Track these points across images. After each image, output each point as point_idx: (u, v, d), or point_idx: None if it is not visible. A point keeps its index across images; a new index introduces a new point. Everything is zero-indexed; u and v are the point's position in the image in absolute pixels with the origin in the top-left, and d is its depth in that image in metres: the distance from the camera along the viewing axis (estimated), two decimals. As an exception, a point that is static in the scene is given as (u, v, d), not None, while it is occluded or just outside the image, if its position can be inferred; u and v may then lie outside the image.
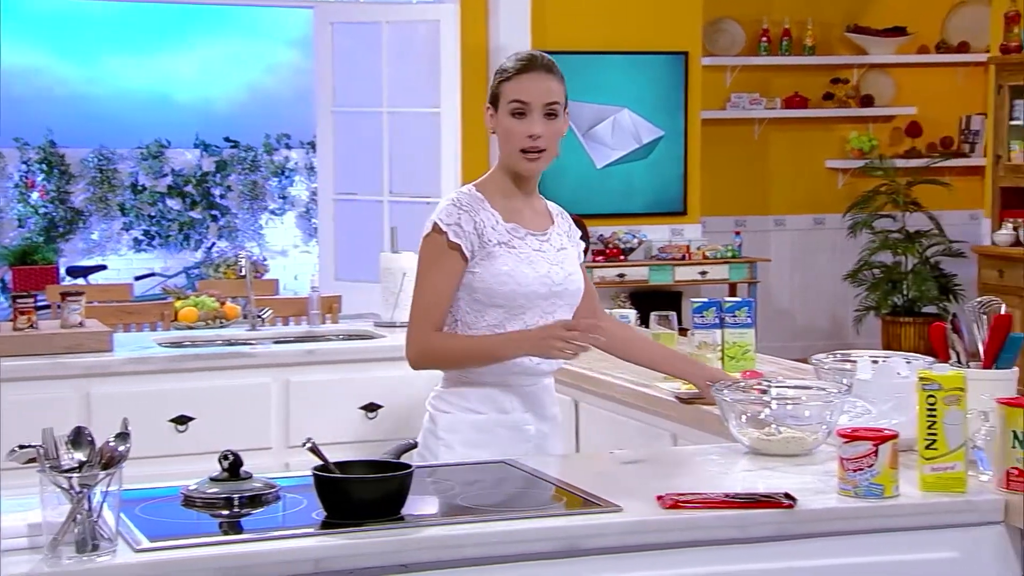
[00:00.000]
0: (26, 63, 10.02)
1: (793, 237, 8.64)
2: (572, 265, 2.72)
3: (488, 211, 2.64)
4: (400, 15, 7.07)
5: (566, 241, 2.75)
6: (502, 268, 2.61)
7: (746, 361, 3.24)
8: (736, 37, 8.38)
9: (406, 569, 1.93)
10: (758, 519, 2.05)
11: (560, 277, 2.67)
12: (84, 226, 9.92)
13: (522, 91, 2.61)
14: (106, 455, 1.85)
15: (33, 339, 3.73)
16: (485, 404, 2.68)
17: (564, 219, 2.80)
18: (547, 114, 2.62)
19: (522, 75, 2.62)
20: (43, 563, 1.78)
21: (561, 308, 2.69)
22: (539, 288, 2.63)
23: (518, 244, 2.64)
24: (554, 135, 2.65)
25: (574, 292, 2.71)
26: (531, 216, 2.70)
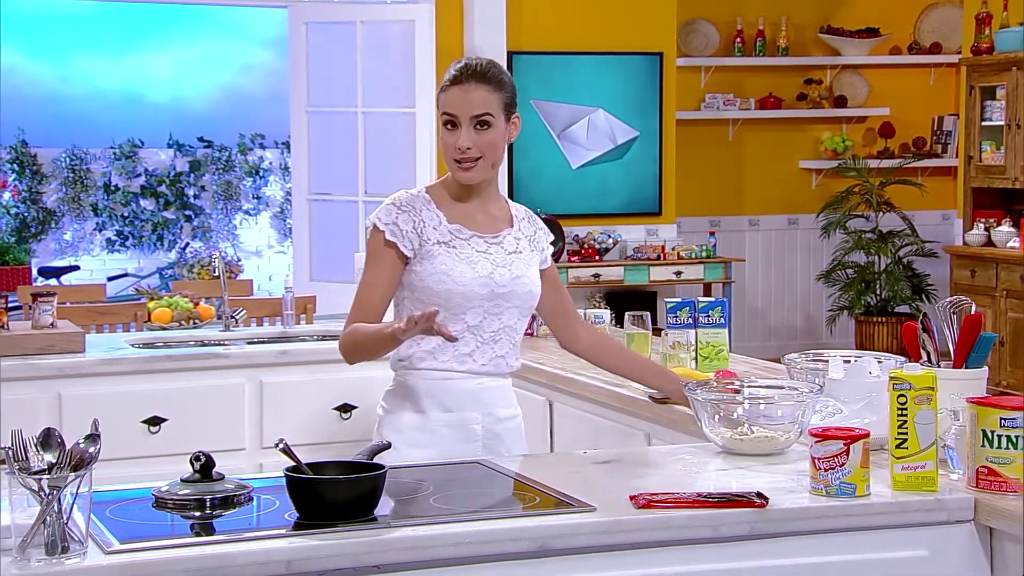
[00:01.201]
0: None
1: (767, 237, 8.67)
2: (523, 269, 2.69)
3: (432, 212, 2.65)
4: (375, 15, 7.06)
5: (525, 245, 2.72)
6: (440, 267, 2.61)
7: (720, 361, 3.25)
8: (710, 38, 8.41)
9: (379, 570, 1.92)
10: (730, 518, 2.06)
11: (505, 279, 2.65)
12: (57, 226, 9.86)
13: (450, 103, 2.61)
14: (76, 457, 1.84)
15: (4, 340, 3.70)
16: (427, 402, 2.66)
17: (530, 224, 2.78)
18: (478, 124, 2.61)
19: (453, 87, 2.62)
20: (11, 565, 1.77)
21: (508, 311, 2.67)
22: (479, 289, 2.62)
23: (459, 244, 2.64)
24: (487, 145, 2.62)
25: (523, 295, 2.68)
26: (483, 218, 2.69)
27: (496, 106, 2.62)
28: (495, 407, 2.71)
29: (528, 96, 7.52)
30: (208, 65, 10.54)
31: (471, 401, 2.67)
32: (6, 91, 9.75)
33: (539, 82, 7.53)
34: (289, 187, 9.61)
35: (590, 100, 7.63)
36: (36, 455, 1.82)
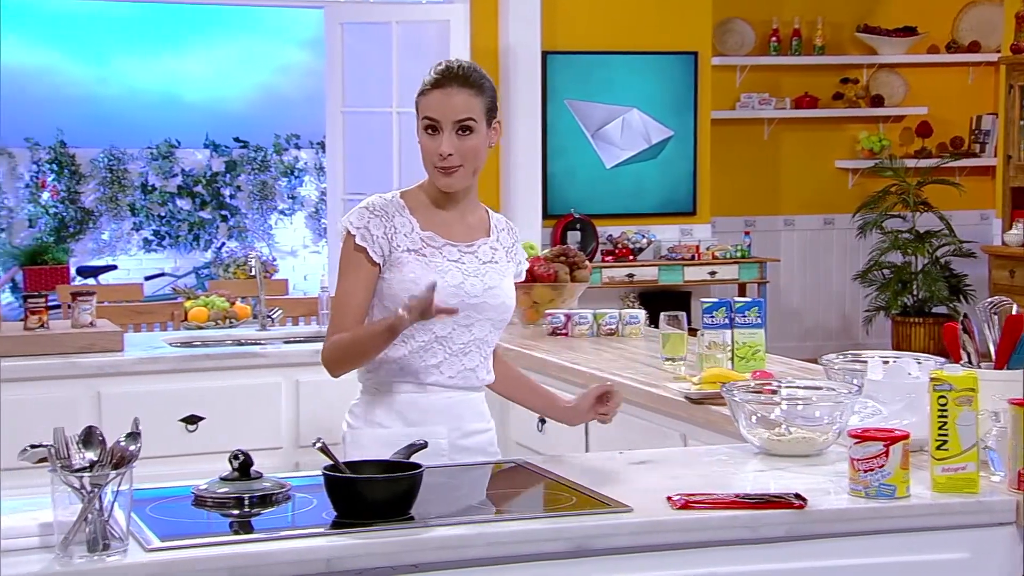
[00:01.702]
0: (37, 63, 10.05)
1: (803, 237, 8.62)
2: (497, 280, 2.61)
3: (405, 217, 2.58)
4: (410, 15, 7.07)
5: (502, 256, 2.65)
6: (408, 276, 2.54)
7: (756, 362, 3.23)
8: (746, 37, 8.37)
9: (416, 569, 1.93)
10: (769, 519, 2.05)
11: (477, 290, 2.57)
12: (94, 226, 9.95)
13: (431, 107, 2.53)
14: (117, 455, 1.85)
15: (45, 339, 3.73)
16: (391, 417, 2.58)
17: (509, 235, 2.70)
18: (460, 130, 2.53)
19: (434, 90, 2.54)
20: (55, 562, 1.78)
21: (479, 322, 2.59)
22: (447, 299, 2.51)
23: (430, 253, 2.57)
24: (469, 151, 2.54)
25: (496, 307, 2.60)
26: (458, 226, 2.62)
27: (478, 111, 2.54)
28: (463, 421, 2.61)
29: (563, 96, 7.51)
30: (245, 66, 10.59)
31: (436, 415, 2.57)
32: (45, 92, 9.84)
33: (573, 82, 7.52)
34: (324, 187, 9.64)
35: (624, 100, 7.61)
36: (78, 453, 1.84)
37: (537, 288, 4.32)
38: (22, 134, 9.62)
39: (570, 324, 4.12)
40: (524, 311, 4.37)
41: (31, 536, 1.84)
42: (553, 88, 7.47)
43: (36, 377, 3.67)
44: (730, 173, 8.26)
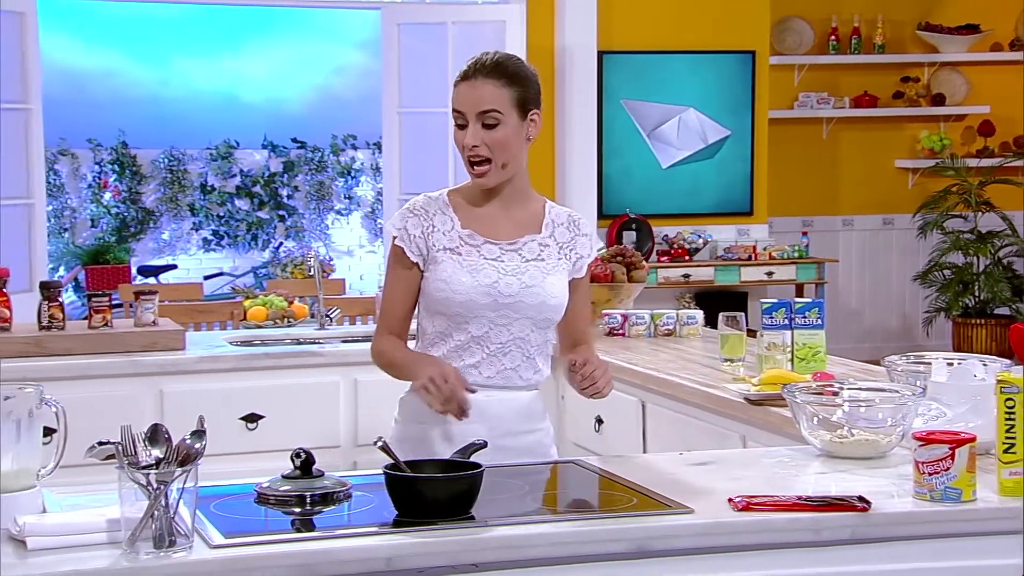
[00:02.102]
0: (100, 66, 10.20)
1: (862, 237, 8.54)
2: (539, 278, 2.54)
3: (447, 215, 2.56)
4: (466, 15, 7.09)
5: (552, 252, 2.58)
6: (441, 275, 2.52)
7: (817, 363, 3.20)
8: (804, 36, 8.30)
9: (476, 568, 1.93)
10: (832, 522, 2.03)
11: (513, 288, 2.52)
12: (155, 226, 10.08)
13: (458, 100, 2.51)
14: (182, 452, 1.87)
15: (108, 338, 3.78)
16: (427, 415, 2.52)
17: (569, 230, 2.62)
18: (485, 123, 2.48)
19: (460, 84, 2.51)
20: (122, 558, 1.80)
21: (518, 321, 2.53)
22: (479, 298, 2.50)
23: (467, 251, 2.53)
24: (496, 143, 2.48)
25: (536, 306, 2.53)
26: (503, 223, 2.57)
27: (505, 102, 2.49)
28: (503, 421, 2.55)
29: (619, 96, 7.50)
30: (303, 67, 10.68)
31: (475, 415, 2.47)
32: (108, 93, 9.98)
33: (630, 81, 7.50)
34: (380, 187, 9.70)
35: (681, 99, 7.58)
36: (144, 450, 1.86)
37: (594, 288, 4.31)
38: (85, 135, 9.77)
39: (627, 324, 4.11)
40: (581, 311, 4.36)
41: (98, 532, 1.87)
42: (609, 88, 7.45)
43: (100, 375, 3.72)
44: (788, 173, 8.19)
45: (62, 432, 2.03)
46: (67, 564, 1.79)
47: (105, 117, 9.83)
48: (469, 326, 2.53)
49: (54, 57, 9.13)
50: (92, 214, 9.89)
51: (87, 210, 9.91)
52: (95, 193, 9.91)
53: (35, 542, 1.83)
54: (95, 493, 2.05)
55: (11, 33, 6.29)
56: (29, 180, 6.44)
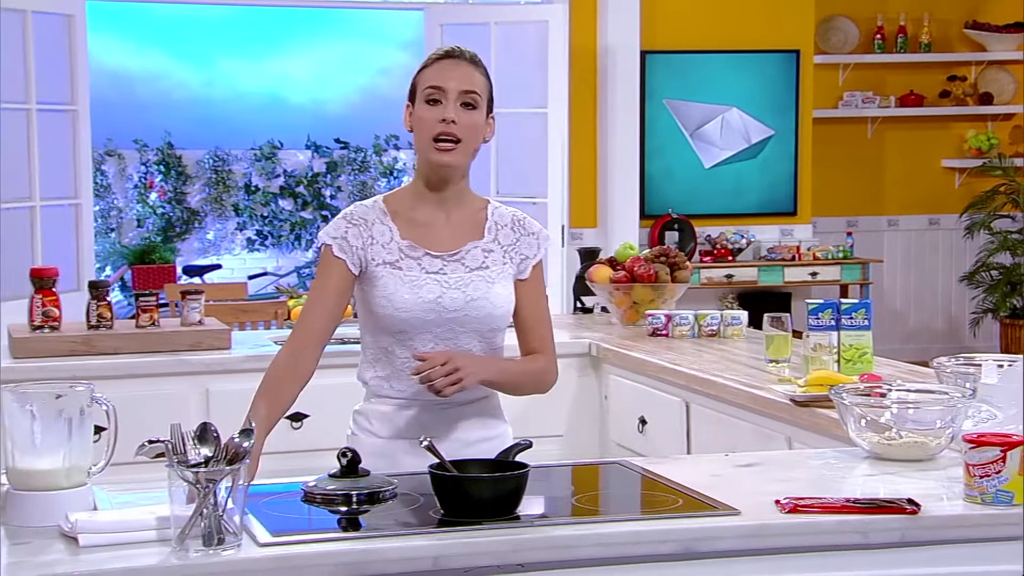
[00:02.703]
0: (147, 67, 10.31)
1: (907, 238, 8.47)
2: (484, 289, 2.44)
3: (386, 225, 2.45)
4: (509, 16, 7.09)
5: (497, 258, 2.47)
6: (381, 291, 2.42)
7: (864, 364, 3.18)
8: (849, 35, 8.24)
9: (522, 568, 1.93)
10: (881, 525, 2.01)
11: (458, 303, 2.42)
12: (200, 226, 10.16)
13: (438, 76, 2.41)
14: (231, 451, 1.89)
15: (156, 337, 3.82)
16: (385, 426, 2.47)
17: (514, 231, 2.51)
18: (464, 103, 2.40)
19: (440, 61, 2.44)
20: (171, 556, 1.82)
21: (464, 334, 2.44)
22: (423, 315, 2.41)
23: (407, 264, 2.43)
24: (471, 127, 2.40)
25: (482, 318, 2.43)
26: (444, 230, 2.46)
27: (483, 91, 2.44)
28: (460, 432, 2.48)
29: (661, 95, 7.47)
30: (346, 68, 10.74)
31: (433, 428, 2.43)
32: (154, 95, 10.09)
33: (672, 81, 7.48)
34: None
35: (724, 99, 7.55)
36: (193, 449, 1.88)
37: (637, 288, 4.31)
38: (131, 136, 9.87)
39: (671, 325, 4.10)
40: (624, 311, 4.35)
41: (149, 529, 1.88)
42: (652, 87, 7.43)
43: (146, 374, 3.75)
44: (832, 173, 8.14)
45: (112, 430, 2.05)
46: (117, 562, 1.80)
47: (151, 118, 9.93)
48: (414, 342, 2.43)
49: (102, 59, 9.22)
50: (138, 214, 9.99)
51: (133, 210, 10.01)
52: (141, 193, 10.01)
53: (87, 539, 1.85)
54: (144, 491, 2.07)
55: (60, 35, 6.36)
56: (77, 180, 6.51)
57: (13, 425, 1.97)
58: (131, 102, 9.75)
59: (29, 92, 6.20)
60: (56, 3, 6.33)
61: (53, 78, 6.31)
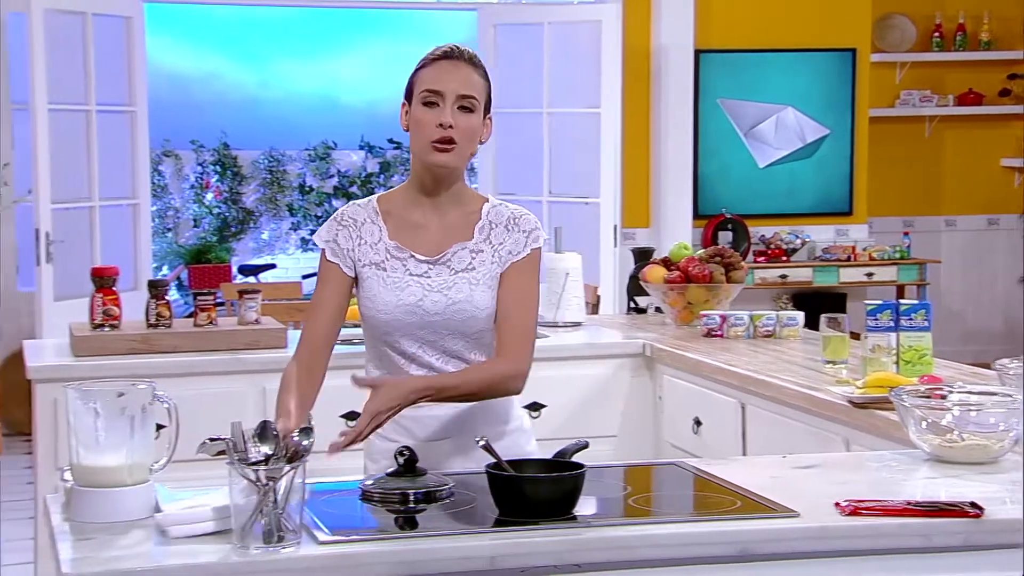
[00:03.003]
0: (204, 69, 10.42)
1: (965, 238, 8.36)
2: (467, 292, 2.41)
3: (376, 225, 2.44)
4: (562, 16, 7.09)
5: (486, 258, 2.43)
6: (366, 293, 2.42)
7: (924, 366, 3.14)
8: (907, 33, 8.15)
9: (579, 569, 1.93)
10: (944, 528, 1.99)
11: (439, 306, 2.40)
12: (255, 226, 10.25)
13: (435, 79, 2.38)
14: (291, 449, 1.90)
15: (214, 335, 3.85)
16: (395, 430, 2.46)
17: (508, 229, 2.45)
18: (462, 107, 2.38)
19: (438, 62, 2.40)
20: (232, 553, 1.84)
21: (449, 337, 2.42)
22: (404, 317, 2.40)
23: (392, 266, 2.42)
24: (468, 130, 2.38)
25: (464, 322, 2.41)
26: (434, 232, 2.44)
27: (481, 93, 2.41)
28: (478, 427, 2.44)
29: (716, 95, 7.44)
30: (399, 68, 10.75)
31: (440, 430, 2.45)
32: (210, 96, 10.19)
33: (727, 80, 7.44)
34: (475, 187, 9.75)
35: (779, 98, 7.50)
36: (254, 447, 1.89)
37: (691, 289, 4.29)
38: (188, 136, 9.97)
39: (726, 325, 4.07)
40: (678, 312, 4.33)
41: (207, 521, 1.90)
42: (706, 87, 7.39)
43: (204, 372, 3.78)
44: (888, 172, 8.05)
45: (174, 428, 2.07)
46: (179, 558, 1.82)
47: (207, 119, 10.04)
48: (400, 344, 2.43)
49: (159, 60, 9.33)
50: (194, 214, 10.10)
51: (189, 210, 10.12)
52: (197, 193, 10.12)
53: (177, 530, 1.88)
54: (203, 488, 2.09)
55: (118, 37, 6.44)
56: (135, 181, 6.59)
57: (77, 423, 1.99)
58: (187, 103, 9.85)
59: (89, 93, 6.29)
60: (115, 5, 6.42)
61: (112, 79, 6.40)
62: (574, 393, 3.98)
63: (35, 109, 6.01)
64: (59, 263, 6.12)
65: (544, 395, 4.04)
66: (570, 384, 3.98)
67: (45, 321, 6.06)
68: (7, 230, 6.80)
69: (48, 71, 6.03)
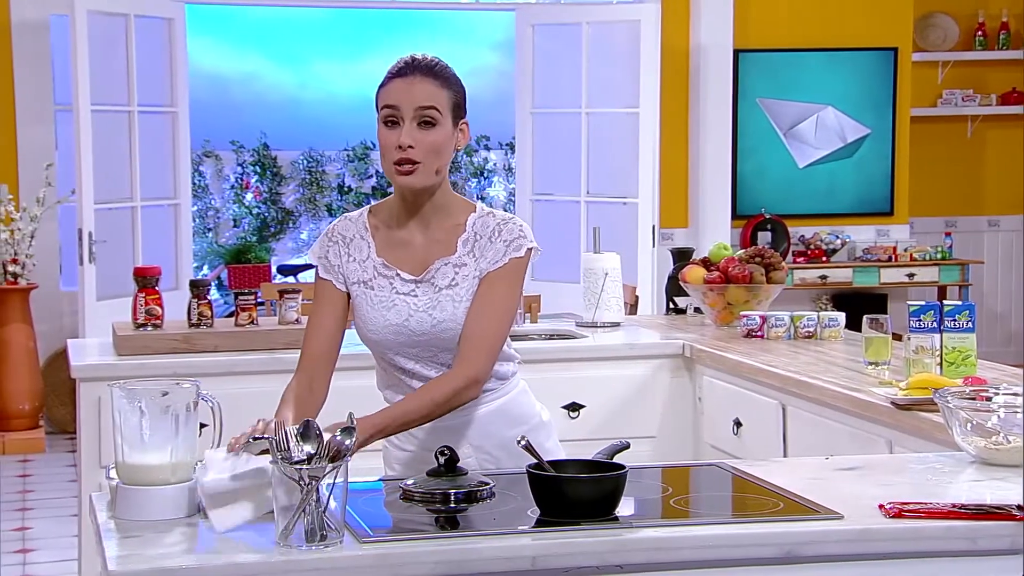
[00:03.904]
0: (243, 70, 10.49)
1: (1008, 238, 8.28)
2: (451, 310, 2.36)
3: (365, 240, 2.41)
4: (601, 16, 7.08)
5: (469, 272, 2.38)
6: (356, 311, 2.41)
7: (968, 367, 3.11)
8: (949, 31, 8.08)
9: (621, 570, 1.92)
10: (990, 531, 1.97)
11: (424, 326, 2.37)
12: (294, 226, 10.31)
13: (391, 96, 2.33)
14: (333, 448, 1.91)
15: (254, 335, 3.87)
16: (408, 440, 2.45)
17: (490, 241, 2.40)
18: (421, 122, 2.32)
19: (396, 79, 2.34)
20: (275, 552, 1.85)
21: (441, 352, 2.39)
22: (393, 336, 2.38)
23: (379, 284, 2.39)
24: (430, 147, 2.32)
25: (450, 339, 2.37)
26: (419, 247, 2.40)
27: (443, 103, 2.34)
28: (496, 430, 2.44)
29: (755, 95, 7.40)
30: (437, 69, 10.82)
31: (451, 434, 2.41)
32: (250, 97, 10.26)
33: (766, 80, 7.40)
34: (513, 188, 9.75)
35: (819, 98, 7.45)
36: (297, 446, 1.90)
37: (731, 289, 4.27)
38: (228, 137, 10.04)
39: (766, 326, 4.05)
40: (717, 312, 4.32)
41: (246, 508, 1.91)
42: (744, 87, 7.36)
43: (245, 372, 3.79)
44: (930, 172, 7.98)
45: (218, 427, 2.08)
46: (222, 557, 1.83)
47: (247, 119, 10.10)
48: (396, 361, 2.42)
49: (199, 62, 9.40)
50: (234, 214, 10.17)
51: (229, 210, 10.19)
52: (237, 194, 10.18)
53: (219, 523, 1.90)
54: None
55: (160, 39, 6.50)
56: (176, 181, 6.64)
57: (123, 421, 2.01)
58: (227, 103, 9.93)
59: (131, 94, 6.35)
60: (157, 7, 6.47)
61: (153, 80, 6.45)
62: (613, 394, 3.98)
63: (78, 110, 6.07)
64: (101, 263, 6.18)
65: (583, 396, 4.04)
66: (609, 385, 3.97)
67: (87, 320, 6.12)
68: (50, 230, 6.87)
69: (91, 72, 6.09)
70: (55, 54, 6.84)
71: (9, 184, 6.71)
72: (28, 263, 6.56)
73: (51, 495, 5.79)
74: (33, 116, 6.83)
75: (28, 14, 6.78)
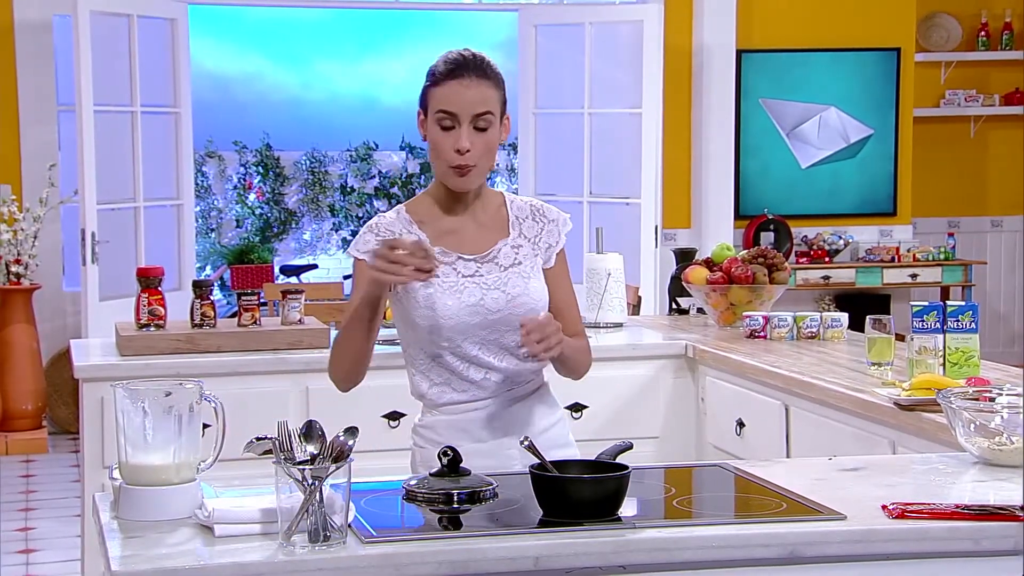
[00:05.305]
0: (246, 70, 10.50)
1: (1011, 239, 8.27)
2: (522, 285, 2.42)
3: (413, 234, 2.41)
4: (604, 16, 7.08)
5: (527, 252, 2.45)
6: (423, 302, 2.38)
7: (971, 368, 3.11)
8: (952, 32, 8.08)
9: (624, 570, 1.92)
10: (993, 532, 1.97)
11: (500, 303, 2.39)
12: (297, 226, 10.32)
13: (449, 100, 2.34)
14: (336, 448, 1.91)
15: (257, 335, 3.87)
16: (456, 435, 2.43)
17: (536, 222, 2.48)
18: (477, 127, 2.35)
19: (450, 81, 2.34)
20: (278, 552, 1.85)
21: (508, 332, 2.41)
22: (468, 319, 2.38)
23: (443, 272, 2.36)
24: (486, 148, 2.37)
25: (526, 312, 2.39)
26: (473, 232, 2.44)
27: (496, 105, 2.37)
28: (530, 421, 2.47)
29: (757, 95, 7.40)
30: (440, 69, 10.83)
31: (504, 424, 2.44)
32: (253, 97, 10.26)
33: (769, 80, 7.40)
34: (515, 188, 9.75)
35: (822, 98, 7.45)
36: (300, 446, 1.90)
37: (734, 290, 4.26)
38: (231, 137, 10.05)
39: (768, 327, 4.05)
40: (720, 313, 4.31)
41: (254, 523, 1.91)
42: (747, 87, 7.36)
43: (248, 372, 3.80)
44: (933, 173, 7.98)
45: (221, 427, 2.08)
46: (225, 556, 1.83)
47: (250, 120, 10.12)
48: (461, 348, 2.41)
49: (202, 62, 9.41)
50: (237, 215, 10.18)
51: (232, 211, 10.20)
52: (240, 194, 10.19)
53: (222, 529, 1.89)
54: (248, 487, 2.10)
55: (162, 39, 6.50)
56: (179, 181, 6.65)
57: (126, 422, 2.01)
58: (230, 104, 9.94)
59: (134, 95, 6.35)
60: (159, 7, 6.47)
61: (156, 81, 6.46)
62: (616, 394, 3.98)
63: (81, 110, 6.07)
64: (104, 263, 6.18)
65: (586, 396, 4.03)
66: (612, 385, 3.97)
67: (90, 321, 6.12)
68: (53, 230, 6.87)
69: (93, 73, 6.09)
70: (58, 54, 6.85)
71: (12, 184, 6.72)
72: (31, 263, 6.57)
73: (54, 495, 5.80)
74: (36, 116, 6.84)
75: (31, 14, 6.79)
